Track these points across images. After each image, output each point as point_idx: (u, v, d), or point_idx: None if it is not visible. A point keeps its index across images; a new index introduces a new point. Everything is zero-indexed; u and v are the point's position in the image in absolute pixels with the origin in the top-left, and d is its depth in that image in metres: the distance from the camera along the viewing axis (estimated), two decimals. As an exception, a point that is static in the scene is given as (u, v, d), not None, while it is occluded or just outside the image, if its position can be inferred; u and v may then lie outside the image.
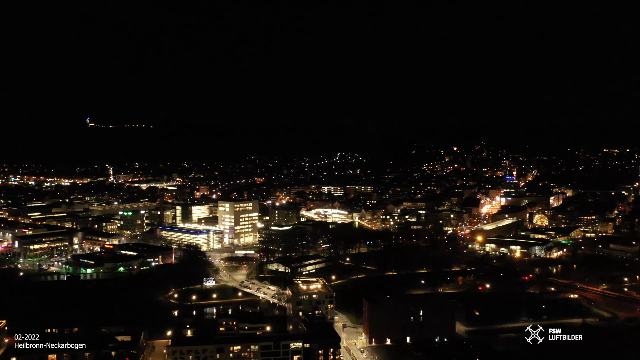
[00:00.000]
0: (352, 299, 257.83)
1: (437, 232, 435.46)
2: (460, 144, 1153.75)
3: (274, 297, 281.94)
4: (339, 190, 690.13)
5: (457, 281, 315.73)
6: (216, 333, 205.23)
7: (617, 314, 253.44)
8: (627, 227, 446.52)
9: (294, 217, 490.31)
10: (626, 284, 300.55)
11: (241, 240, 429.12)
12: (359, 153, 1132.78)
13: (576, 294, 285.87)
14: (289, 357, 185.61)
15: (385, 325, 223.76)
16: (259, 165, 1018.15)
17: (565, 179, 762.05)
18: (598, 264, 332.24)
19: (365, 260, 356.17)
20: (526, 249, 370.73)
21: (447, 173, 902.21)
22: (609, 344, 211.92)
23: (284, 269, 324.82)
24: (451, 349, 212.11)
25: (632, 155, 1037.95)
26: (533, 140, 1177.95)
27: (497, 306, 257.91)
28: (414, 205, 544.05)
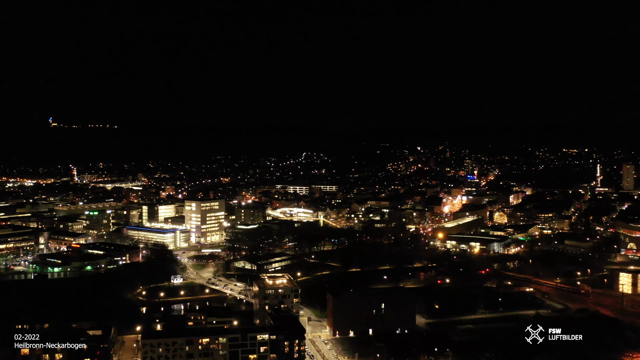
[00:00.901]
0: (316, 294, 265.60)
1: (400, 230, 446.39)
2: (424, 144, 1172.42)
3: (241, 293, 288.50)
4: (305, 190, 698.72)
5: (418, 276, 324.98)
6: (185, 327, 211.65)
7: (568, 306, 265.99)
8: (582, 224, 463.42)
9: (260, 216, 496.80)
10: (579, 277, 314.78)
11: (208, 239, 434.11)
12: (325, 153, 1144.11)
13: (531, 287, 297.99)
14: (256, 348, 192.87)
15: (349, 318, 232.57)
16: (225, 165, 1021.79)
17: (525, 178, 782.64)
18: (553, 259, 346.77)
19: (330, 258, 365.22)
20: (485, 246, 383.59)
21: (410, 173, 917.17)
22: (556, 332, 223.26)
23: (251, 267, 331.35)
24: (411, 340, 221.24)
25: (590, 155, 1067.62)
26: (495, 141, 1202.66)
27: (456, 299, 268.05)
28: (378, 204, 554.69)
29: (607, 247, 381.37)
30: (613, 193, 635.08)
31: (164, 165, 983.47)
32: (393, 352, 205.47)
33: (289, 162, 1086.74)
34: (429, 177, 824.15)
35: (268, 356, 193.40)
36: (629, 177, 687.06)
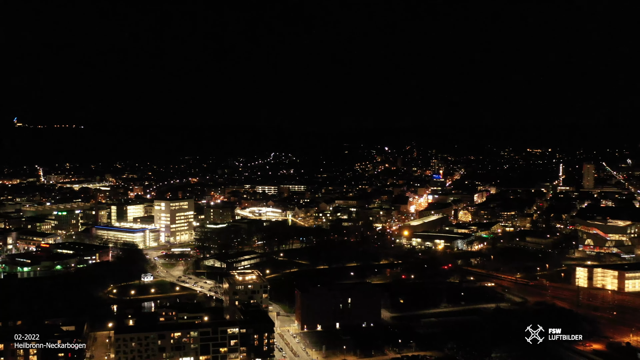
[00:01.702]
0: (285, 290, 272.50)
1: (367, 228, 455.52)
2: (391, 145, 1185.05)
3: (211, 290, 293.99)
4: (273, 190, 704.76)
5: (384, 273, 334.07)
6: (157, 322, 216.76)
7: (527, 299, 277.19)
8: (543, 221, 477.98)
9: (229, 216, 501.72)
10: (538, 272, 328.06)
11: (177, 239, 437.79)
12: (293, 153, 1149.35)
13: (492, 282, 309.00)
14: (227, 341, 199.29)
15: (316, 313, 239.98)
16: (193, 166, 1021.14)
17: (490, 178, 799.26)
18: (514, 255, 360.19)
19: (299, 256, 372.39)
20: (449, 243, 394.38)
21: (378, 172, 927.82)
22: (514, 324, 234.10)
23: (220, 265, 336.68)
24: (377, 332, 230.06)
25: (553, 154, 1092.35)
26: (461, 141, 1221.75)
27: (420, 294, 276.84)
28: (346, 203, 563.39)
29: (566, 243, 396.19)
30: (574, 192, 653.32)
31: (132, 166, 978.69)
32: (359, 345, 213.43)
33: (257, 162, 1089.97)
34: (396, 177, 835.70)
35: (238, 349, 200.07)
36: (589, 177, 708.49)
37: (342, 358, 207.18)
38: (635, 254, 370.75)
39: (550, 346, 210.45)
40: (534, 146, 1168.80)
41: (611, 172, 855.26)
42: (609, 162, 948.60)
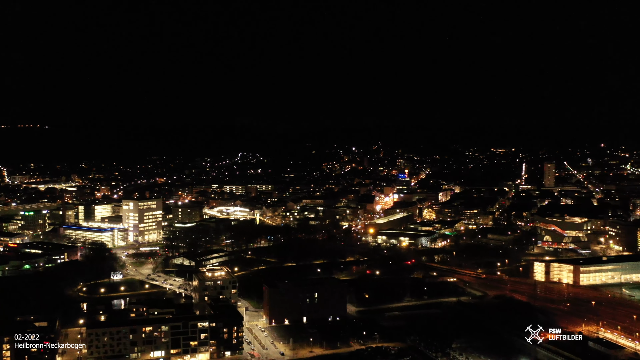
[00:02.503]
0: (253, 287, 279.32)
1: (333, 227, 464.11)
2: (358, 144, 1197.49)
3: (180, 287, 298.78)
4: (241, 189, 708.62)
5: (351, 270, 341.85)
6: (128, 318, 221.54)
7: (487, 293, 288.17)
8: (504, 219, 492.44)
9: (197, 215, 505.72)
10: (498, 268, 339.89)
11: (146, 238, 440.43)
12: (260, 153, 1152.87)
13: (454, 277, 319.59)
14: (197, 335, 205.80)
15: (284, 307, 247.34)
16: (160, 166, 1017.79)
17: (455, 177, 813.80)
18: (476, 251, 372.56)
19: (267, 254, 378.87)
20: (414, 240, 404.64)
21: (345, 172, 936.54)
22: (474, 317, 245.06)
23: (189, 263, 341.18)
24: (342, 326, 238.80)
25: (516, 154, 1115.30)
26: (427, 141, 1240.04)
27: (384, 289, 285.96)
28: (313, 202, 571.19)
29: (526, 239, 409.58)
30: (535, 190, 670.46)
31: (98, 166, 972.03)
32: (325, 337, 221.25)
33: (225, 162, 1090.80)
34: (363, 177, 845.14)
35: (208, 342, 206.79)
36: (550, 175, 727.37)
37: (308, 350, 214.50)
38: (591, 249, 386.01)
39: (507, 336, 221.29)
40: (498, 146, 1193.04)
41: (572, 171, 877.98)
42: (570, 161, 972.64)
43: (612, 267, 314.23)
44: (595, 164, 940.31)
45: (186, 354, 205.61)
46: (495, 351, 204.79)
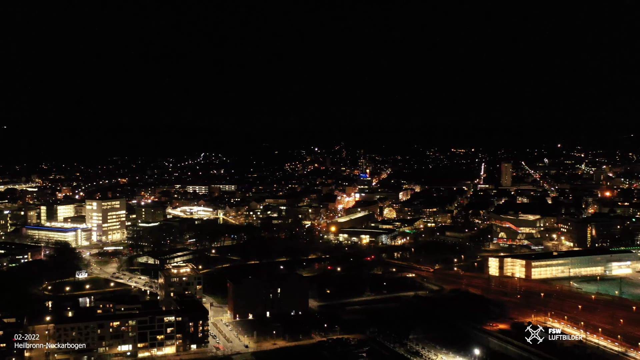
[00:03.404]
0: (218, 284, 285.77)
1: (296, 226, 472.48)
2: (321, 145, 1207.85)
3: (145, 285, 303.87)
4: (204, 189, 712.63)
5: (313, 266, 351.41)
6: (95, 314, 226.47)
7: (444, 287, 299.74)
8: (462, 217, 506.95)
9: (161, 215, 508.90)
10: (455, 264, 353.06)
11: (109, 237, 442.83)
12: (223, 153, 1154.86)
13: (413, 273, 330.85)
14: (163, 329, 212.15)
15: (248, 303, 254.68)
16: (122, 166, 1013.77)
17: (415, 177, 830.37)
18: (434, 248, 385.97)
19: (230, 252, 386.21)
20: (374, 238, 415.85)
21: (308, 172, 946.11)
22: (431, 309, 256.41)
23: (154, 261, 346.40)
24: (304, 319, 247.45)
25: (476, 154, 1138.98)
26: (389, 141, 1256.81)
27: (345, 285, 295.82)
28: (276, 202, 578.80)
29: (482, 237, 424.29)
30: (493, 189, 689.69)
31: (58, 166, 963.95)
32: (288, 330, 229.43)
33: (187, 162, 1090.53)
34: (325, 176, 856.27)
35: (174, 336, 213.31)
36: (507, 175, 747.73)
37: (272, 342, 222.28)
38: (543, 245, 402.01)
39: (461, 326, 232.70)
40: (458, 146, 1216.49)
41: (529, 170, 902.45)
42: (527, 161, 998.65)
43: (562, 261, 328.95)
44: (552, 163, 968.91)
45: (153, 347, 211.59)
46: (450, 341, 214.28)
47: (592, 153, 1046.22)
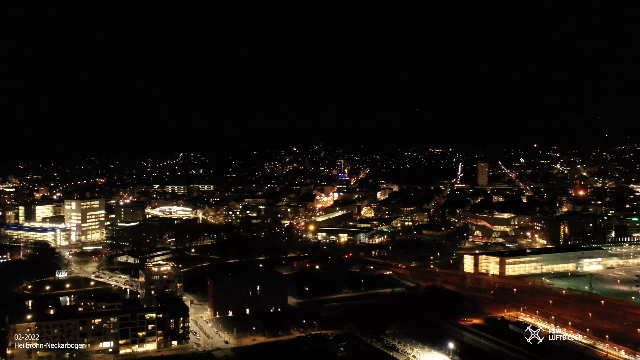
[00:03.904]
0: (198, 283, 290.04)
1: (275, 225, 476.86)
2: (300, 145, 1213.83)
3: (126, 284, 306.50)
4: (183, 189, 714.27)
5: (292, 265, 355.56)
6: (77, 311, 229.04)
7: (420, 284, 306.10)
8: (439, 216, 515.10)
9: (140, 215, 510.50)
10: (432, 261, 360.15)
11: (89, 237, 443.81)
12: (202, 154, 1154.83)
13: (390, 270, 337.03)
14: (145, 326, 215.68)
15: (228, 300, 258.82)
16: (100, 166, 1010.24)
17: (394, 176, 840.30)
18: (411, 246, 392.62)
19: (210, 251, 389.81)
20: (352, 236, 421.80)
21: (286, 172, 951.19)
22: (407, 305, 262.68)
23: (133, 261, 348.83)
24: (284, 316, 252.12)
25: (453, 154, 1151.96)
26: (367, 141, 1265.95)
27: (323, 282, 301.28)
28: (255, 201, 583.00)
29: (458, 235, 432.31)
30: (469, 188, 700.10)
31: (35, 167, 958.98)
32: (267, 326, 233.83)
33: (166, 162, 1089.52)
34: (304, 176, 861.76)
35: (156, 333, 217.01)
36: (483, 174, 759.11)
37: (251, 338, 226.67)
38: (518, 243, 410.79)
39: (436, 322, 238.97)
40: (436, 146, 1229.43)
41: (505, 170, 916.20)
42: (504, 161, 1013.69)
43: (535, 258, 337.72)
44: (528, 163, 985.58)
45: (134, 344, 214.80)
46: (426, 336, 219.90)
47: (568, 153, 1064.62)
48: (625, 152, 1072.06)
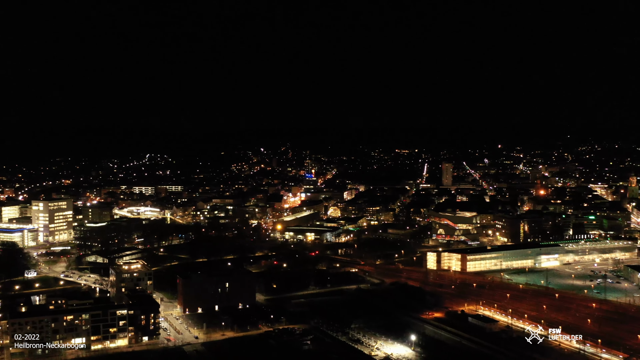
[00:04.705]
0: (167, 281, 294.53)
1: (243, 225, 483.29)
2: (267, 146, 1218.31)
3: (95, 283, 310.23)
4: (150, 190, 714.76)
5: (260, 263, 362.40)
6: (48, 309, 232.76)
7: (384, 280, 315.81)
8: (404, 215, 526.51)
9: (108, 215, 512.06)
10: (396, 259, 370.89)
11: (56, 238, 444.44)
12: (169, 154, 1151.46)
13: (356, 268, 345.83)
14: (116, 322, 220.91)
15: (197, 297, 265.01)
16: (65, 167, 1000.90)
17: (360, 177, 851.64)
18: (376, 244, 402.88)
19: (178, 251, 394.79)
20: (319, 235, 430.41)
21: (254, 173, 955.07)
22: (372, 301, 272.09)
23: (102, 260, 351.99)
24: (252, 312, 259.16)
25: (419, 155, 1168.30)
26: (335, 142, 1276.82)
27: (291, 279, 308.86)
28: (223, 202, 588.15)
29: (422, 233, 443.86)
30: (434, 188, 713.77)
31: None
32: (236, 322, 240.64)
33: (132, 163, 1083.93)
34: (272, 177, 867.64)
35: (127, 328, 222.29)
36: (447, 174, 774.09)
37: (221, 333, 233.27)
38: (479, 240, 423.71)
39: (400, 316, 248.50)
40: (402, 147, 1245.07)
41: (469, 170, 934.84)
42: (469, 161, 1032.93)
43: (495, 255, 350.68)
44: (492, 164, 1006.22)
45: (106, 340, 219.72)
46: (389, 329, 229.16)
47: (531, 154, 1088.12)
48: (586, 152, 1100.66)
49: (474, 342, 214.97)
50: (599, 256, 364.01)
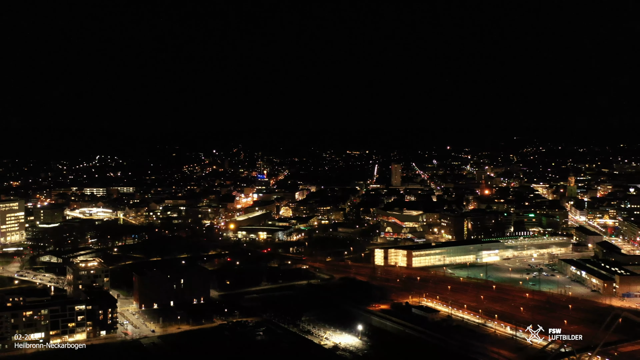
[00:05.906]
0: (123, 280, 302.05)
1: (196, 224, 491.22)
2: (219, 147, 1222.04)
3: (51, 282, 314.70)
4: (102, 191, 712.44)
5: (213, 262, 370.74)
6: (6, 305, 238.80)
7: (334, 276, 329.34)
8: (353, 214, 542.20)
9: (60, 216, 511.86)
10: (346, 256, 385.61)
11: (8, 239, 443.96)
12: (119, 156, 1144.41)
13: (307, 265, 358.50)
14: (75, 317, 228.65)
15: (153, 293, 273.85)
16: (12, 169, 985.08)
17: (312, 177, 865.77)
18: (327, 243, 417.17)
19: (133, 250, 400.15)
20: (271, 234, 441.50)
21: (206, 174, 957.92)
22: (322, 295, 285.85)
23: (57, 260, 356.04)
24: (207, 307, 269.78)
25: (370, 156, 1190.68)
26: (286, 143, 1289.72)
27: (244, 276, 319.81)
28: (175, 202, 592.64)
29: (371, 231, 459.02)
30: (384, 188, 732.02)
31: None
32: (191, 316, 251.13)
33: (82, 164, 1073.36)
34: (224, 178, 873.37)
35: (85, 323, 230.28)
36: (396, 175, 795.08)
37: (177, 327, 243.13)
38: (425, 238, 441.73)
39: (348, 308, 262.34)
40: (353, 148, 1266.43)
41: (418, 171, 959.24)
42: (418, 162, 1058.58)
43: (439, 251, 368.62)
44: (440, 165, 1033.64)
45: (65, 334, 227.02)
46: (338, 321, 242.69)
47: (478, 155, 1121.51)
48: (531, 154, 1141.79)
49: (417, 331, 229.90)
50: (536, 251, 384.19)
